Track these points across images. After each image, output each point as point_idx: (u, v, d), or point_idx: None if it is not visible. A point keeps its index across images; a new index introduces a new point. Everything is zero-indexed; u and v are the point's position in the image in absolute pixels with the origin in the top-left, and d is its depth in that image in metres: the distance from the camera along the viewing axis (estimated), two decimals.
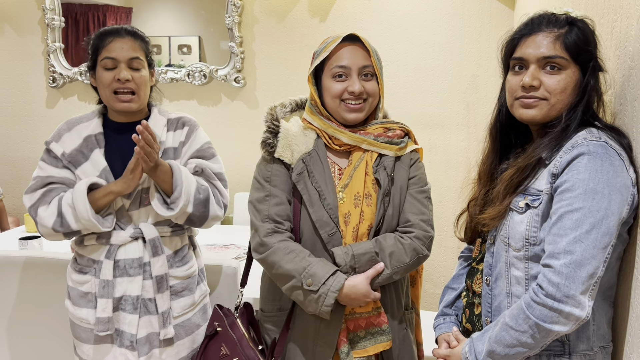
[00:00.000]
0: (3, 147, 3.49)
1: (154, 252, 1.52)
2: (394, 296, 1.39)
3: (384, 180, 1.32)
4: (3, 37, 3.37)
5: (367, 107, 1.34)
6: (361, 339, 1.35)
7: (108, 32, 1.52)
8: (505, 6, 2.91)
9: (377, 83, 1.34)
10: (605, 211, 0.95)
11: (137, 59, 1.52)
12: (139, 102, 1.53)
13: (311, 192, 1.31)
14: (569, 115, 1.05)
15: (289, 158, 1.34)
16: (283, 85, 3.20)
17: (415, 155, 1.41)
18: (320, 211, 1.31)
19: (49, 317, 1.90)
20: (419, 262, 1.35)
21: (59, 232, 1.48)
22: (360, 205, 1.32)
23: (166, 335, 1.54)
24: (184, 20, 3.28)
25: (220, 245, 2.52)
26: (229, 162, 3.33)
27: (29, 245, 2.27)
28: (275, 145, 1.35)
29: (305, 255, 1.29)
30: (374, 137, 1.33)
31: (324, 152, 1.35)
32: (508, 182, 1.09)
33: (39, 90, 3.40)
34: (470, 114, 3.00)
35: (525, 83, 1.06)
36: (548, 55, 1.04)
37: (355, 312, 1.35)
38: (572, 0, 1.56)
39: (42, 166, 1.55)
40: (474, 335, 1.09)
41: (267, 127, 1.39)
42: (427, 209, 1.36)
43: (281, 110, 1.41)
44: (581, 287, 0.94)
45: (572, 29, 1.05)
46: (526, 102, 1.08)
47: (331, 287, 1.24)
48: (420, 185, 1.38)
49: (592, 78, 1.05)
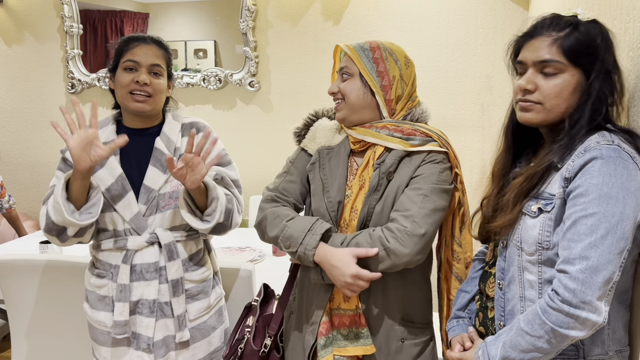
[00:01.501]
0: (23, 152, 3.57)
1: (170, 256, 1.55)
2: (380, 298, 1.34)
3: (374, 178, 1.31)
4: (23, 45, 3.45)
5: (345, 106, 1.37)
6: (344, 337, 1.35)
7: (134, 38, 1.56)
8: (520, 7, 2.89)
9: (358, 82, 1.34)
10: (620, 215, 0.94)
11: (158, 66, 1.54)
12: (153, 105, 1.55)
13: (317, 182, 1.38)
14: (572, 119, 1.04)
15: (311, 149, 1.44)
16: (297, 88, 3.22)
17: (433, 156, 1.31)
18: (319, 202, 1.35)
19: (69, 319, 1.93)
20: (390, 256, 1.23)
21: (51, 229, 1.46)
22: (352, 202, 1.33)
23: (182, 339, 1.56)
24: (200, 26, 3.32)
25: (236, 248, 2.54)
26: (244, 165, 3.36)
27: (49, 249, 2.32)
28: (303, 135, 1.46)
29: (286, 219, 1.33)
30: (376, 129, 1.34)
31: (348, 151, 1.39)
32: (518, 189, 1.09)
33: (58, 96, 3.47)
34: (484, 115, 2.98)
35: (521, 86, 1.08)
36: (543, 59, 1.05)
37: (340, 307, 1.35)
38: (586, 1, 1.55)
39: (59, 175, 1.57)
40: (487, 339, 1.09)
41: (304, 119, 1.50)
42: (414, 205, 1.25)
43: (327, 111, 1.51)
44: (597, 292, 0.93)
45: (572, 32, 1.04)
46: (522, 105, 1.09)
47: (307, 246, 1.27)
48: (419, 184, 1.28)
49: (597, 81, 1.03)
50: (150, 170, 1.54)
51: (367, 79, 1.34)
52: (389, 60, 1.35)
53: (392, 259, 1.24)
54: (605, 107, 1.04)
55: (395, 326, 1.35)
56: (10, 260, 1.91)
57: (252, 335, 1.48)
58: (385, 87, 1.35)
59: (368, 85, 1.34)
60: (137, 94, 1.52)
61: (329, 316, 1.35)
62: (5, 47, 3.46)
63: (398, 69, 1.35)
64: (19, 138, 3.56)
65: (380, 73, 1.34)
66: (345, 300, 1.35)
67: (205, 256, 1.66)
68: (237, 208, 1.60)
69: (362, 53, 1.35)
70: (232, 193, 1.61)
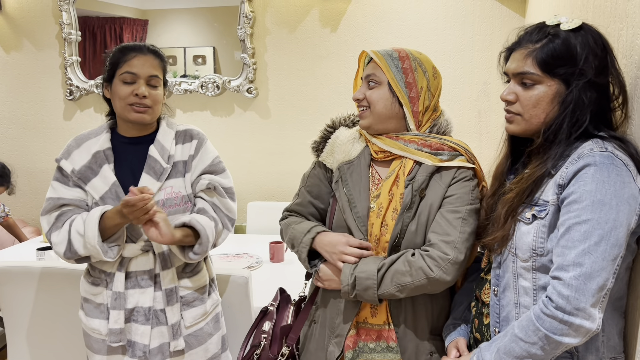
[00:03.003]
0: (22, 159, 3.57)
1: (164, 264, 1.55)
2: (411, 314, 1.34)
3: (407, 195, 1.30)
4: (22, 52, 3.46)
5: (370, 114, 1.35)
6: (371, 350, 1.35)
7: (131, 48, 1.55)
8: (516, 13, 2.91)
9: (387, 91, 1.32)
10: (614, 222, 0.94)
11: (156, 77, 1.54)
12: (152, 115, 1.56)
13: (343, 199, 1.36)
14: (549, 129, 1.06)
15: (330, 164, 1.42)
16: (295, 95, 3.23)
17: (463, 173, 1.31)
18: (349, 218, 1.34)
19: (65, 327, 1.93)
20: (431, 284, 1.25)
21: (70, 258, 1.52)
22: (382, 217, 1.32)
23: (176, 348, 1.56)
24: (198, 33, 3.33)
25: (233, 254, 2.54)
26: (241, 171, 3.36)
27: (45, 256, 2.32)
28: (321, 149, 1.44)
29: (294, 224, 1.42)
30: (404, 143, 1.33)
31: (368, 161, 1.38)
32: (509, 205, 1.10)
33: (57, 102, 3.47)
34: (482, 122, 2.99)
35: (502, 97, 1.13)
36: (520, 72, 1.08)
37: (367, 321, 1.35)
38: (580, 8, 1.56)
39: (55, 186, 1.57)
40: (482, 345, 1.09)
41: (321, 132, 1.47)
42: (454, 230, 1.25)
43: (344, 119, 1.48)
44: (591, 299, 0.93)
45: (548, 44, 1.04)
46: (506, 117, 1.15)
47: (302, 242, 1.37)
48: (456, 205, 1.28)
49: (576, 90, 1.03)
50: (144, 178, 1.54)
51: (396, 89, 1.31)
52: (418, 71, 1.33)
53: (433, 286, 1.26)
54: (590, 116, 1.03)
55: (424, 340, 1.34)
56: (7, 267, 1.91)
57: (268, 342, 1.47)
58: (413, 99, 1.32)
59: (396, 96, 1.32)
60: (136, 106, 1.52)
61: (355, 329, 1.35)
62: (4, 54, 3.47)
63: (426, 80, 1.33)
64: (17, 145, 3.56)
65: (408, 84, 1.32)
66: (372, 315, 1.34)
67: (201, 263, 1.66)
68: (224, 222, 1.62)
69: (391, 62, 1.32)
70: (221, 204, 1.62)
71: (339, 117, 1.47)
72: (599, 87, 1.04)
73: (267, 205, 3.13)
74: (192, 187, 1.61)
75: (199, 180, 1.60)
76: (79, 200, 1.55)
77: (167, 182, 1.56)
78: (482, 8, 2.95)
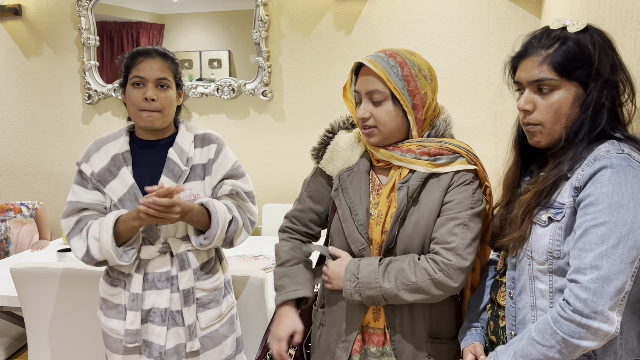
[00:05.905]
0: (42, 162, 3.64)
1: (182, 266, 1.56)
2: (407, 318, 1.32)
3: (401, 201, 1.28)
4: (42, 57, 3.52)
5: (379, 133, 1.30)
6: (373, 355, 1.35)
7: (140, 52, 1.58)
8: (532, 14, 2.89)
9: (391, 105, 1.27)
10: (632, 225, 0.93)
11: (165, 79, 1.56)
12: (163, 119, 1.57)
13: (344, 208, 1.34)
14: (570, 132, 1.04)
15: (330, 171, 1.40)
16: (310, 98, 3.24)
17: (462, 177, 1.27)
18: (351, 227, 1.33)
19: (84, 326, 1.96)
20: (434, 287, 1.23)
21: (88, 262, 1.55)
22: (382, 223, 1.31)
23: (192, 348, 1.58)
24: (214, 36, 3.36)
25: (250, 256, 2.55)
26: (257, 174, 3.38)
27: (66, 257, 2.35)
28: (321, 156, 1.42)
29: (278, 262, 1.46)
30: (401, 153, 1.30)
31: (367, 167, 1.36)
32: (525, 206, 1.09)
33: (75, 106, 3.53)
34: (497, 123, 2.97)
35: (519, 107, 1.09)
36: (537, 79, 1.05)
37: (369, 326, 1.35)
38: (596, 9, 1.54)
39: (75, 190, 1.60)
40: (499, 348, 1.09)
41: (320, 137, 1.44)
42: (455, 237, 1.23)
43: (343, 122, 1.45)
44: (609, 302, 0.92)
45: (560, 47, 1.03)
46: (527, 129, 1.11)
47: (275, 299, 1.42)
48: (455, 211, 1.25)
49: (595, 91, 1.02)
50: (163, 180, 1.56)
51: (400, 98, 1.26)
52: (419, 77, 1.27)
53: (439, 290, 1.24)
54: (607, 114, 1.03)
55: (422, 343, 1.33)
56: (28, 268, 1.94)
57: None
58: (417, 106, 1.28)
59: (399, 105, 1.27)
60: (146, 111, 1.54)
61: (361, 334, 1.35)
62: (24, 59, 3.54)
63: (428, 84, 1.29)
64: (38, 148, 3.63)
65: (411, 92, 1.26)
66: (375, 320, 1.34)
67: (217, 265, 1.67)
68: (244, 230, 1.64)
69: (391, 71, 1.25)
70: (245, 208, 1.64)
71: (337, 121, 1.44)
72: (613, 84, 1.04)
73: (282, 207, 3.14)
74: (213, 191, 1.63)
75: (221, 185, 1.63)
76: (97, 204, 1.58)
77: (185, 184, 1.58)
78: (497, 9, 2.93)
